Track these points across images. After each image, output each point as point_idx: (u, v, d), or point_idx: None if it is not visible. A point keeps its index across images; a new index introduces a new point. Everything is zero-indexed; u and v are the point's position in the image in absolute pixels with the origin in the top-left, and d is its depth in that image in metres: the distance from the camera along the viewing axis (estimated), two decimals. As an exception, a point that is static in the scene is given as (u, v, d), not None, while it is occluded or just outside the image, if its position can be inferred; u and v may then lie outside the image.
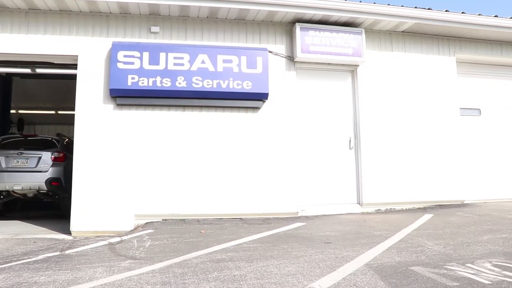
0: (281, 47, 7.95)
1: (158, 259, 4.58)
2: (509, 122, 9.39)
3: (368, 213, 7.76)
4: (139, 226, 6.80)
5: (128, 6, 7.16)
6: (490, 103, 9.32)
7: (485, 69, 9.37)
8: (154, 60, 7.21)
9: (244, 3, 7.25)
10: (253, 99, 7.58)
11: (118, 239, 6.00)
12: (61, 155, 9.09)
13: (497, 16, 8.34)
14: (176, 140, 7.34)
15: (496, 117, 9.32)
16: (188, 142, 7.37)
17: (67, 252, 5.31)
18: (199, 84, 7.30)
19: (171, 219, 7.05)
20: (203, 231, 6.18)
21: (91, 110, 7.16)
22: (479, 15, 8.24)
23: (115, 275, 4.00)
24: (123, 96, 7.18)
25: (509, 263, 4.01)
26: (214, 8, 7.33)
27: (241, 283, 3.63)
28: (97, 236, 6.50)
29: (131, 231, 6.58)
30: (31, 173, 8.74)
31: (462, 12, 8.16)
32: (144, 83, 7.12)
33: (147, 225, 6.81)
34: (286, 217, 7.32)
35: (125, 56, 7.14)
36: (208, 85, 7.32)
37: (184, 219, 7.06)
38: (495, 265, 3.95)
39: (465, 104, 9.02)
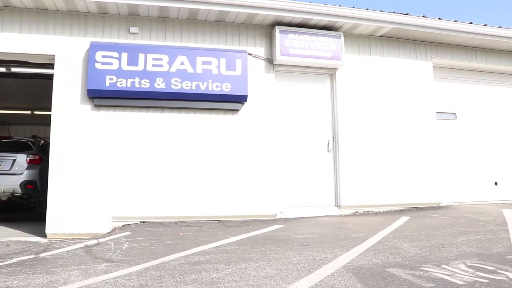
0: (260, 50, 7.97)
1: (136, 262, 4.54)
2: (483, 126, 9.61)
3: (346, 215, 7.82)
4: (116, 228, 6.71)
5: (107, 6, 7.08)
6: (465, 107, 9.53)
7: (461, 74, 9.58)
8: (132, 61, 7.15)
9: (224, 5, 7.24)
10: (232, 101, 7.57)
11: (95, 241, 5.91)
12: (37, 157, 8.90)
13: (471, 23, 8.52)
14: (155, 141, 7.28)
15: (471, 121, 9.53)
16: (167, 143, 7.32)
17: (42, 255, 5.21)
18: (178, 85, 7.26)
19: (149, 221, 6.99)
20: (181, 234, 6.14)
21: (68, 111, 7.05)
22: (455, 21, 8.41)
23: (91, 278, 3.94)
24: (101, 97, 7.09)
25: (482, 264, 4.10)
26: (193, 10, 7.30)
27: (219, 285, 3.62)
28: (73, 238, 6.39)
29: (109, 234, 6.48)
30: (5, 176, 8.52)
31: (439, 18, 8.31)
32: (123, 84, 7.05)
33: (124, 227, 6.73)
34: (265, 219, 7.32)
35: (103, 56, 7.06)
36: (187, 86, 7.29)
37: (162, 221, 7.00)
38: (469, 266, 4.03)
39: (441, 108, 9.20)
